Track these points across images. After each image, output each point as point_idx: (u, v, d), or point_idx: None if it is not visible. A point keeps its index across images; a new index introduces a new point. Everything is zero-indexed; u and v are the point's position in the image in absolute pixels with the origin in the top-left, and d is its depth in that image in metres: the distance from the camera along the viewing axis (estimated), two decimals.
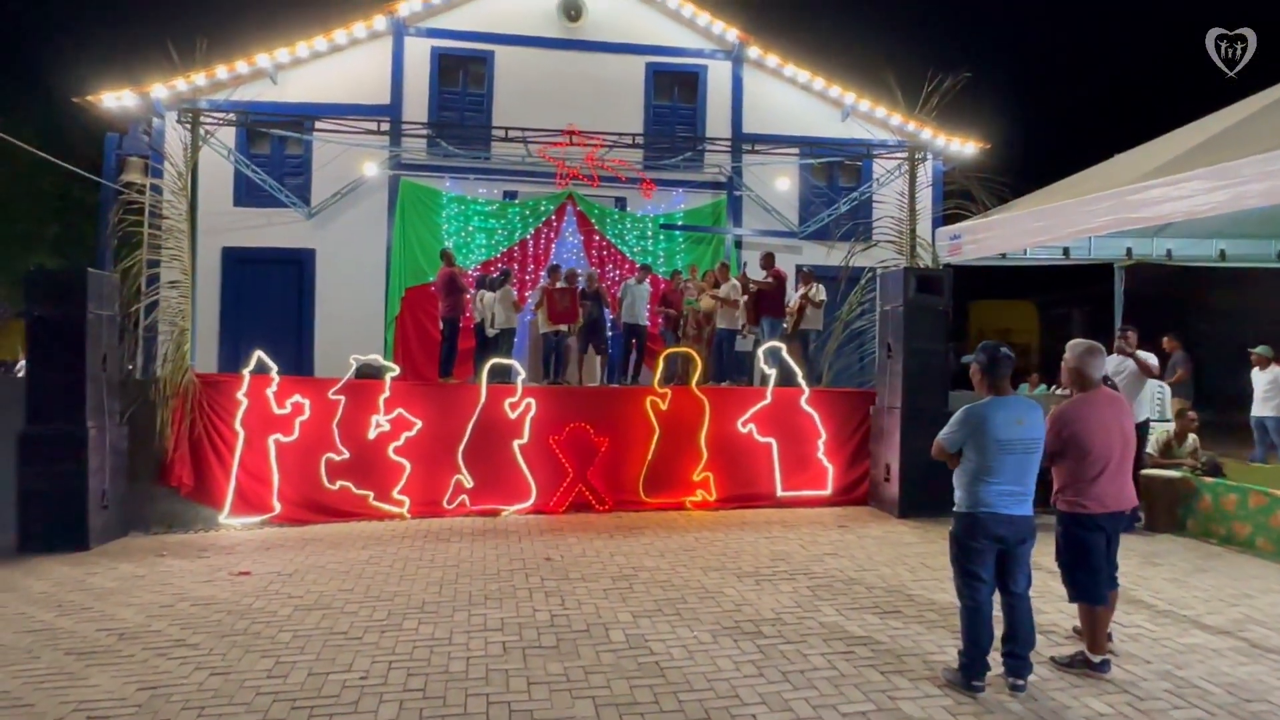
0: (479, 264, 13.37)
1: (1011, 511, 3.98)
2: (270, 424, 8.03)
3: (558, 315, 10.77)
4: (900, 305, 8.43)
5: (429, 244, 13.38)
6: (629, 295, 11.29)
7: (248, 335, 12.33)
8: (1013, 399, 4.11)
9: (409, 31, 13.71)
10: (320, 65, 13.41)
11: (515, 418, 8.44)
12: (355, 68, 13.50)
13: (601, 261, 13.80)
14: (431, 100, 13.75)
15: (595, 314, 11.03)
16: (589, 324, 10.99)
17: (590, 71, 14.00)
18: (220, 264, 13.12)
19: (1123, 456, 4.32)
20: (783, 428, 8.87)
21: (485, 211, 13.67)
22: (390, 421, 8.24)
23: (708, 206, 14.24)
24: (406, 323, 13.25)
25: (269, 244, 13.25)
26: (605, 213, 13.92)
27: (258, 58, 12.92)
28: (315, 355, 13.11)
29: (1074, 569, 4.34)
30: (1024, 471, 4.00)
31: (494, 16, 13.94)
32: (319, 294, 13.38)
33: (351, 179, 13.35)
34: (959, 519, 4.12)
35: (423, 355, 12.91)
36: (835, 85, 14.29)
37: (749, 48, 14.29)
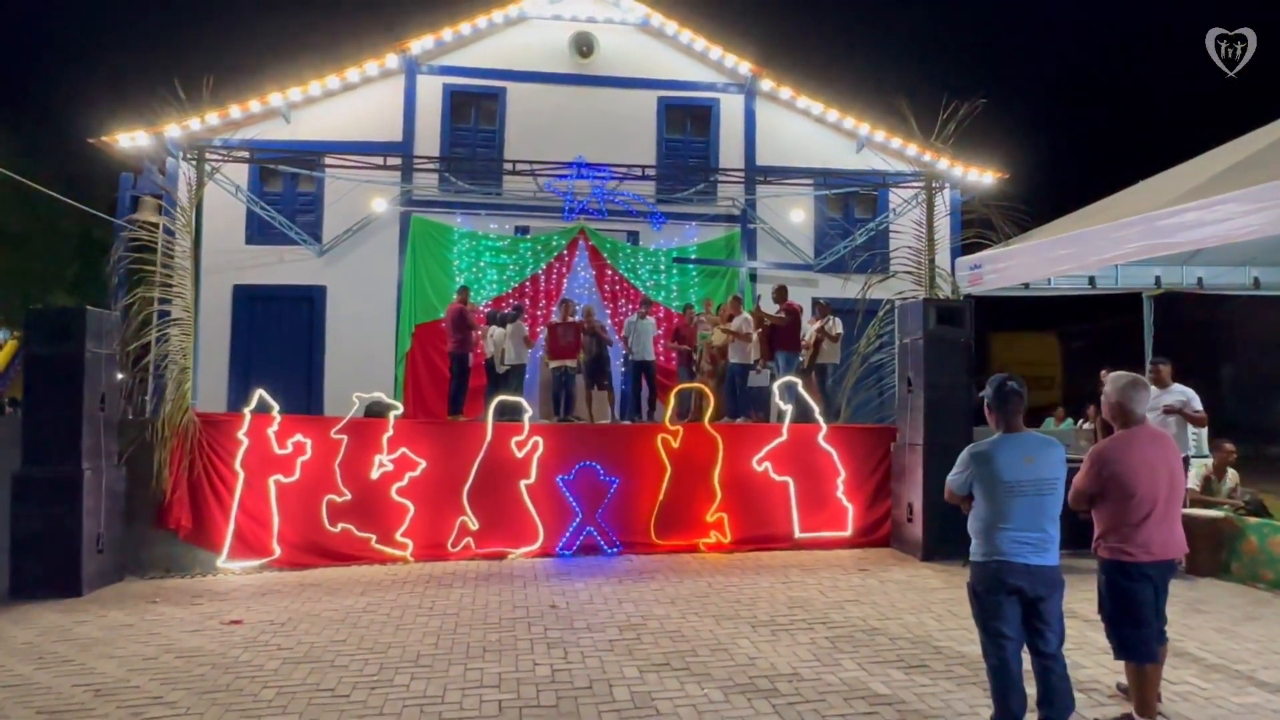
0: (490, 300, 13.28)
1: (1029, 560, 3.65)
2: (271, 464, 7.89)
3: (559, 350, 10.66)
4: (920, 338, 8.23)
5: (440, 280, 13.31)
6: (632, 332, 11.18)
7: (258, 373, 12.26)
8: (1024, 435, 3.81)
9: (421, 69, 13.77)
10: (332, 103, 13.48)
11: (522, 457, 8.28)
12: (367, 105, 13.56)
13: (614, 296, 13.66)
14: (443, 137, 13.76)
15: (595, 349, 10.89)
16: (591, 360, 10.85)
17: (602, 106, 13.98)
18: (231, 302, 13.10)
19: (1170, 499, 3.98)
20: (800, 466, 8.66)
21: (496, 247, 13.60)
22: (393, 461, 8.10)
23: (721, 239, 14.12)
24: (417, 359, 13.15)
25: (280, 281, 13.24)
26: (617, 247, 13.81)
27: (271, 96, 12.99)
28: (325, 392, 13.02)
29: (1119, 623, 3.98)
30: (1039, 515, 3.68)
31: (506, 53, 13.99)
32: (329, 331, 13.33)
33: (362, 216, 13.35)
34: (974, 570, 3.81)
35: (433, 392, 12.78)
36: (849, 116, 14.18)
37: (762, 80, 14.23)
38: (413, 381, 13.01)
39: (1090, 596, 4.20)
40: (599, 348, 10.98)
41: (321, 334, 13.32)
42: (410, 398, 12.64)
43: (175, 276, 8.48)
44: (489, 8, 13.85)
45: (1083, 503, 4.12)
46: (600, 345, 11.00)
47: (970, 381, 8.20)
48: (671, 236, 13.95)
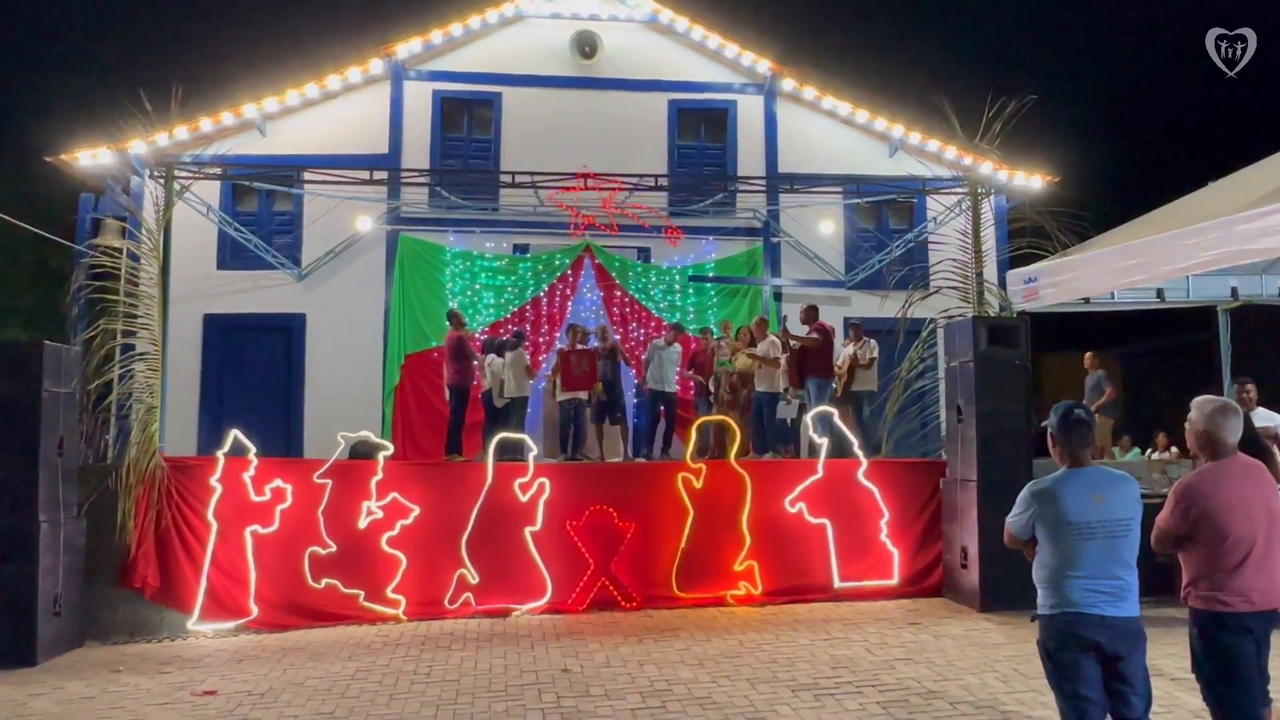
0: (487, 325, 13.29)
1: (1105, 611, 3.55)
2: (247, 513, 7.86)
3: (574, 380, 10.63)
4: (970, 360, 8.17)
5: (431, 305, 13.33)
6: (656, 358, 11.15)
7: (232, 411, 12.27)
8: (1091, 470, 3.74)
9: (408, 75, 13.91)
10: (312, 114, 13.61)
11: (527, 501, 8.23)
12: (350, 115, 13.68)
13: (624, 320, 13.65)
14: (433, 148, 13.86)
15: (609, 377, 10.87)
16: (605, 390, 10.83)
17: (607, 111, 14.07)
18: (202, 333, 13.14)
19: (1270, 540, 3.86)
20: (838, 506, 8.59)
21: (493, 267, 13.62)
22: (384, 508, 8.06)
23: (742, 255, 14.11)
24: (407, 394, 13.13)
25: (255, 309, 13.29)
26: (627, 265, 13.82)
27: (244, 108, 13.13)
28: (306, 432, 13.00)
29: (1216, 682, 3.85)
30: (1113, 560, 3.59)
31: (501, 56, 14.12)
32: (309, 363, 13.34)
33: (345, 236, 13.41)
34: (1043, 624, 3.72)
35: (426, 430, 12.74)
36: (881, 117, 14.22)
37: (783, 79, 14.30)
38: (403, 418, 12.97)
39: (1177, 651, 4.11)
40: (615, 374, 10.97)
41: (301, 367, 13.33)
42: (401, 436, 12.60)
43: (140, 306, 8.51)
44: (482, 7, 14.01)
45: (1168, 545, 4.01)
46: (615, 372, 10.98)
47: (1028, 409, 8.13)
48: (687, 253, 13.95)
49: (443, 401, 11.46)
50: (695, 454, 8.90)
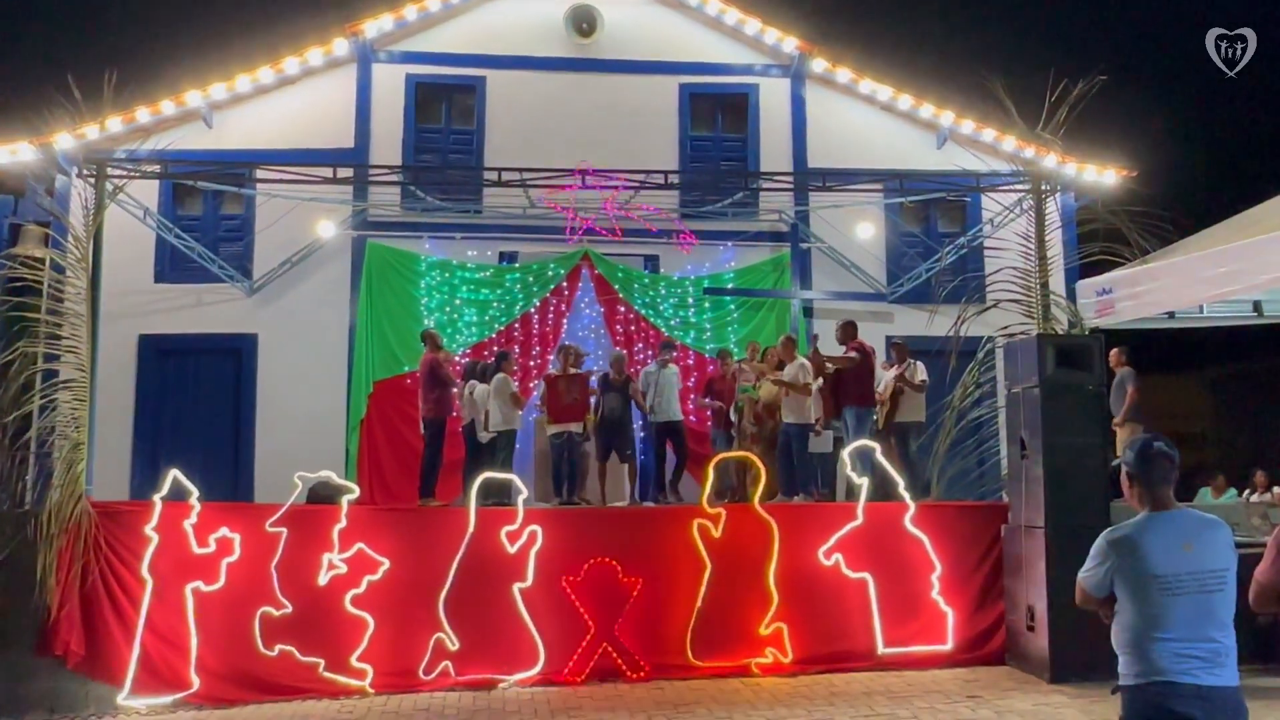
0: (469, 347, 13.32)
1: (1201, 680, 3.52)
2: (188, 568, 7.83)
3: (562, 411, 10.67)
4: (1035, 386, 8.20)
5: (404, 323, 13.34)
6: (650, 385, 11.23)
7: (171, 448, 12.29)
8: (1178, 514, 3.72)
9: (377, 57, 14.02)
10: (266, 103, 13.70)
11: (515, 552, 8.23)
12: (310, 104, 13.77)
13: (629, 339, 13.64)
14: (407, 141, 13.93)
15: (617, 409, 10.86)
16: (607, 422, 10.84)
17: (608, 98, 14.14)
18: (137, 356, 13.16)
19: None
20: (881, 558, 8.58)
21: (476, 279, 13.66)
22: (348, 561, 8.05)
23: (766, 263, 14.11)
24: (375, 427, 13.13)
25: (199, 329, 13.30)
26: (632, 275, 13.84)
27: (187, 96, 13.20)
28: (257, 472, 12.98)
29: None
30: (1206, 620, 3.58)
31: (484, 34, 14.22)
32: (262, 392, 13.34)
33: (304, 244, 13.45)
34: (1126, 698, 3.69)
35: (396, 469, 12.77)
36: (927, 103, 14.25)
37: (812, 60, 14.36)
38: (371, 456, 12.98)
39: None
40: (623, 405, 10.97)
41: (252, 396, 13.34)
42: (368, 477, 12.59)
43: (66, 326, 8.52)
44: None
45: (1270, 603, 3.98)
46: (626, 406, 11.00)
47: (1105, 442, 8.12)
48: (702, 261, 13.96)
49: (417, 436, 11.44)
50: (713, 497, 8.88)
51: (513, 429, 10.59)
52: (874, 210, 14.11)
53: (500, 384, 10.50)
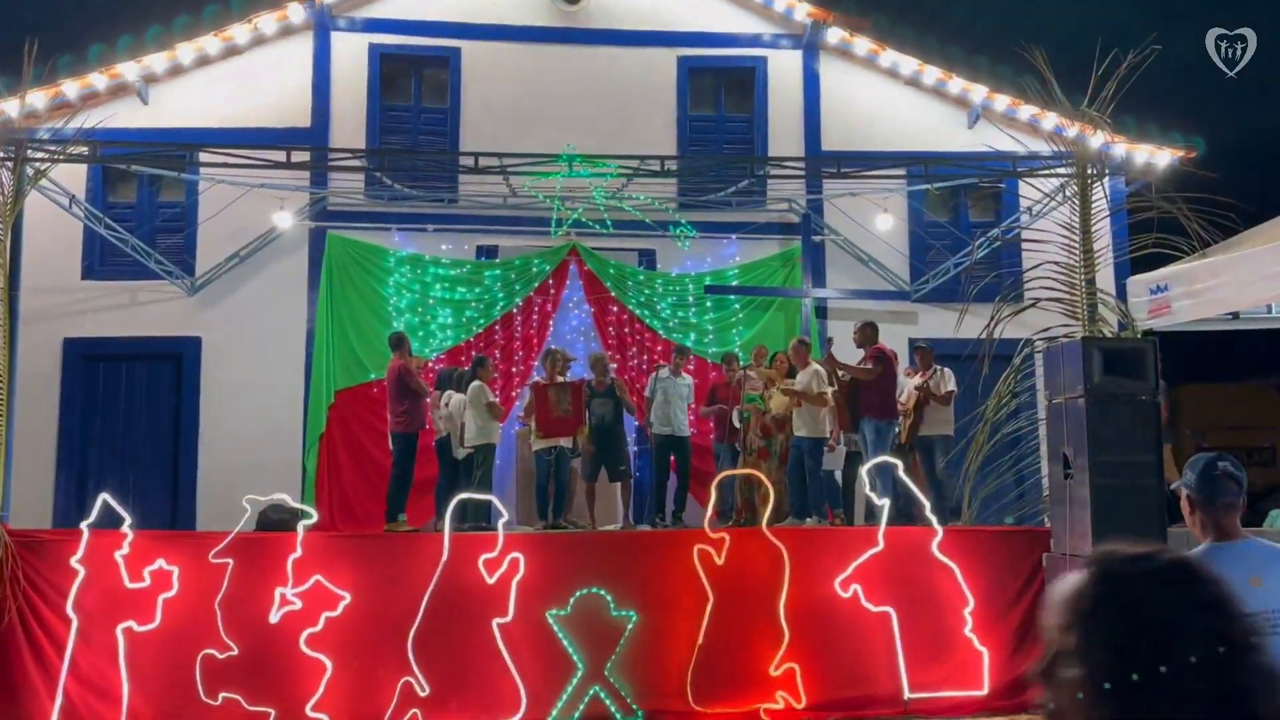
0: (443, 352, 13.34)
1: None
2: (120, 606, 7.79)
3: (552, 424, 10.66)
4: (1080, 395, 8.09)
5: (369, 325, 13.33)
6: (659, 392, 11.18)
7: (101, 468, 12.35)
8: (1246, 544, 3.67)
9: (337, 24, 13.99)
10: (211, 76, 13.65)
11: (495, 583, 8.19)
12: (261, 78, 13.73)
13: (621, 342, 13.65)
14: (371, 120, 13.90)
15: (609, 418, 10.85)
16: (595, 434, 10.84)
17: (598, 72, 14.14)
18: (62, 362, 13.12)
19: None
20: (906, 590, 8.54)
21: (451, 276, 13.65)
22: (304, 596, 8.02)
23: (774, 259, 14.14)
24: (337, 443, 13.14)
25: (133, 332, 13.24)
26: (625, 272, 13.85)
27: (121, 68, 13.13)
28: (200, 495, 12.95)
29: None
30: None
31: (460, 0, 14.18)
32: (206, 404, 13.30)
33: (255, 236, 13.42)
34: None
35: (360, 490, 12.80)
36: (956, 77, 14.27)
37: (827, 29, 14.37)
38: (331, 475, 12.98)
39: None
40: (616, 417, 10.94)
41: (194, 408, 13.28)
42: (328, 500, 12.59)
43: None
44: None
45: None
46: (617, 415, 10.97)
47: (1159, 459, 8.06)
48: (703, 256, 13.97)
49: (384, 452, 11.43)
50: (716, 519, 8.85)
51: (491, 443, 10.59)
52: (896, 199, 14.07)
53: (477, 393, 10.49)
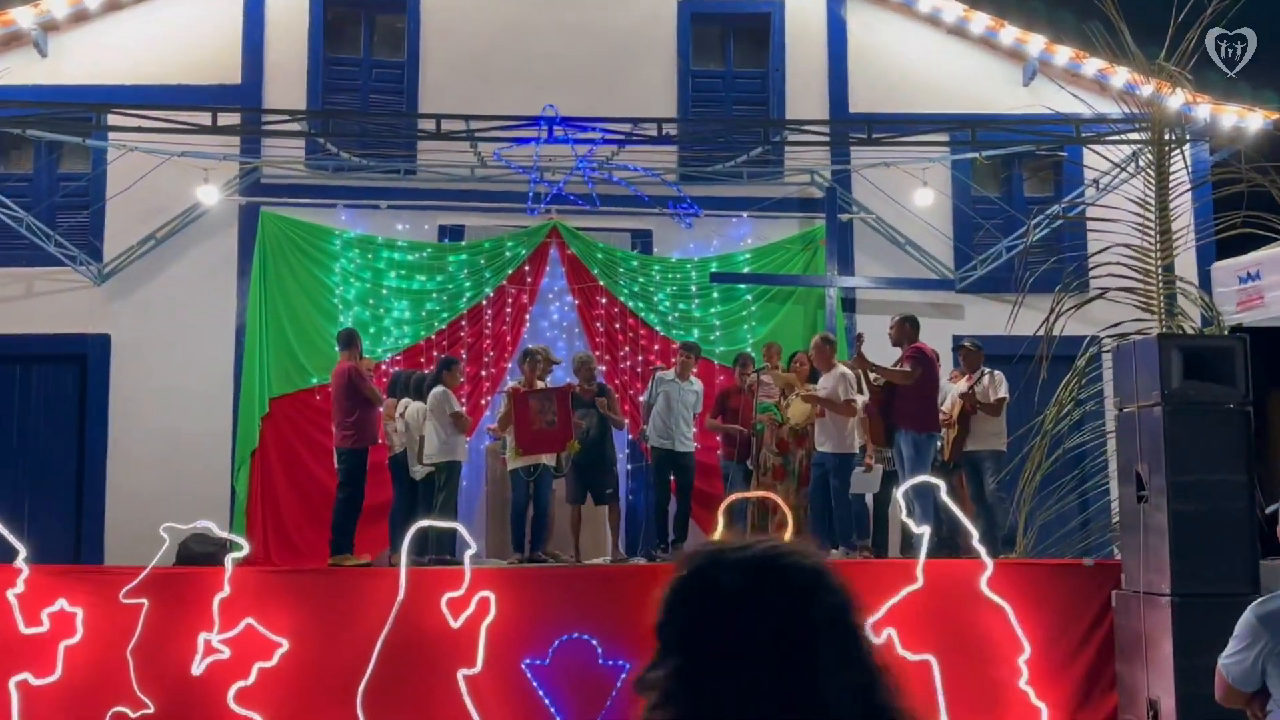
0: (399, 352, 13.31)
1: None
2: (12, 654, 7.83)
3: (534, 438, 10.60)
4: (1156, 404, 8.10)
5: (310, 320, 13.31)
6: (660, 397, 11.13)
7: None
8: None
9: None
10: (121, 23, 13.55)
11: (461, 627, 8.25)
12: (182, 27, 13.63)
13: (611, 340, 13.61)
14: (313, 76, 13.87)
15: (593, 431, 10.89)
16: (584, 451, 10.81)
17: (583, 19, 14.10)
18: None
19: None
20: (950, 634, 8.56)
21: (409, 262, 13.63)
22: (232, 643, 8.03)
23: (793, 241, 14.16)
24: (272, 460, 13.09)
25: (28, 328, 13.18)
26: (616, 257, 13.84)
27: (15, 13, 12.98)
28: (107, 522, 12.91)
29: None
30: None
31: None
32: (116, 413, 13.24)
33: (174, 213, 13.38)
34: None
35: (301, 517, 12.76)
36: (1008, 24, 14.25)
37: None
38: (266, 499, 12.93)
39: None
40: (603, 429, 10.94)
41: (103, 418, 13.24)
42: (261, 527, 12.56)
43: None
44: None
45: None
46: (604, 426, 10.94)
47: (1251, 480, 8.07)
48: (708, 238, 13.99)
49: (329, 472, 11.44)
50: None
51: (456, 461, 10.55)
52: (938, 170, 14.00)
53: (440, 401, 10.44)
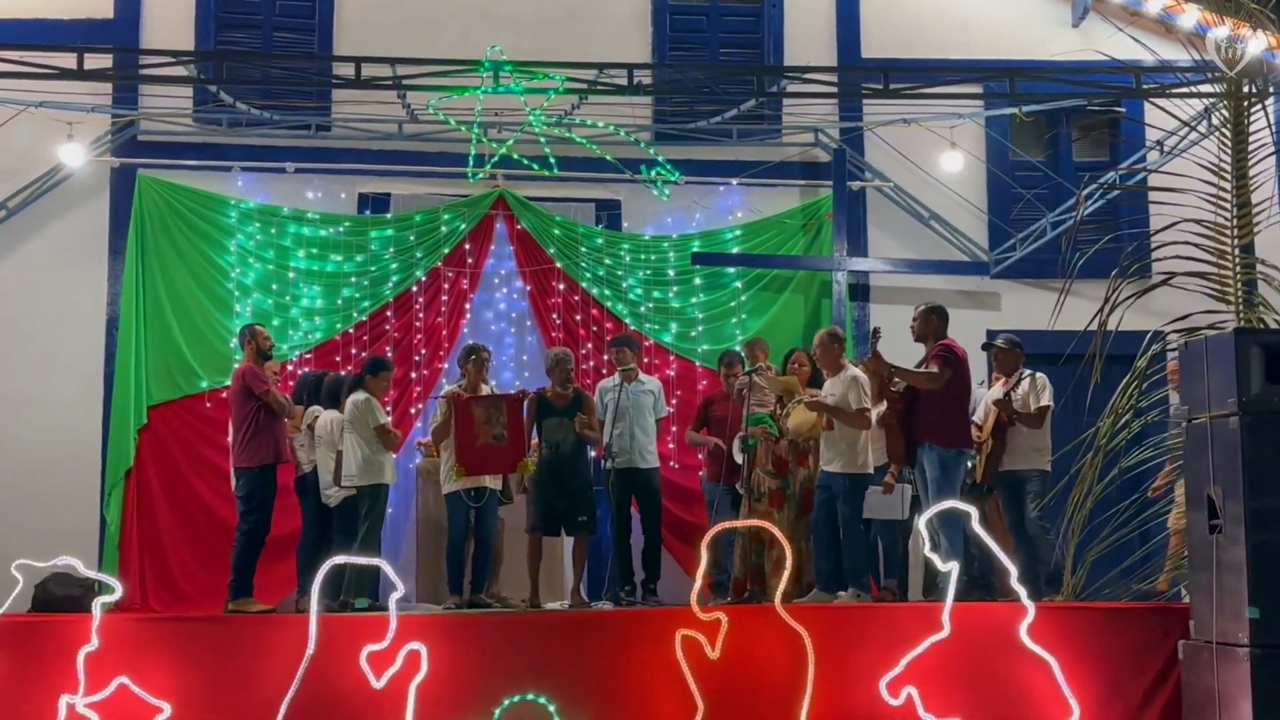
0: (310, 348, 13.33)
1: None
2: None
3: (479, 455, 10.61)
4: (1233, 413, 8.10)
5: (199, 309, 13.27)
6: (610, 404, 11.15)
7: None
8: None
9: None
10: None
11: (385, 687, 8.22)
12: None
13: (571, 333, 13.59)
14: (203, 10, 13.84)
15: (567, 447, 10.92)
16: (549, 468, 10.88)
17: None
18: None
19: None
20: (983, 693, 8.61)
21: (322, 238, 13.62)
22: (102, 706, 8.00)
23: (793, 214, 14.20)
24: (151, 483, 13.06)
25: None
26: (577, 233, 13.83)
27: None
28: None
29: None
30: None
31: None
32: None
33: (31, 177, 13.37)
34: None
35: (187, 552, 12.78)
36: None
37: None
38: (144, 531, 12.90)
39: None
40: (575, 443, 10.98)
41: None
42: (138, 566, 12.57)
43: None
44: None
45: None
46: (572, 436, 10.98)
47: None
48: (689, 210, 14.02)
49: (223, 496, 11.52)
50: (708, 594, 8.95)
51: (381, 483, 10.51)
52: (969, 129, 14.10)
53: (362, 410, 10.40)
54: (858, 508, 10.31)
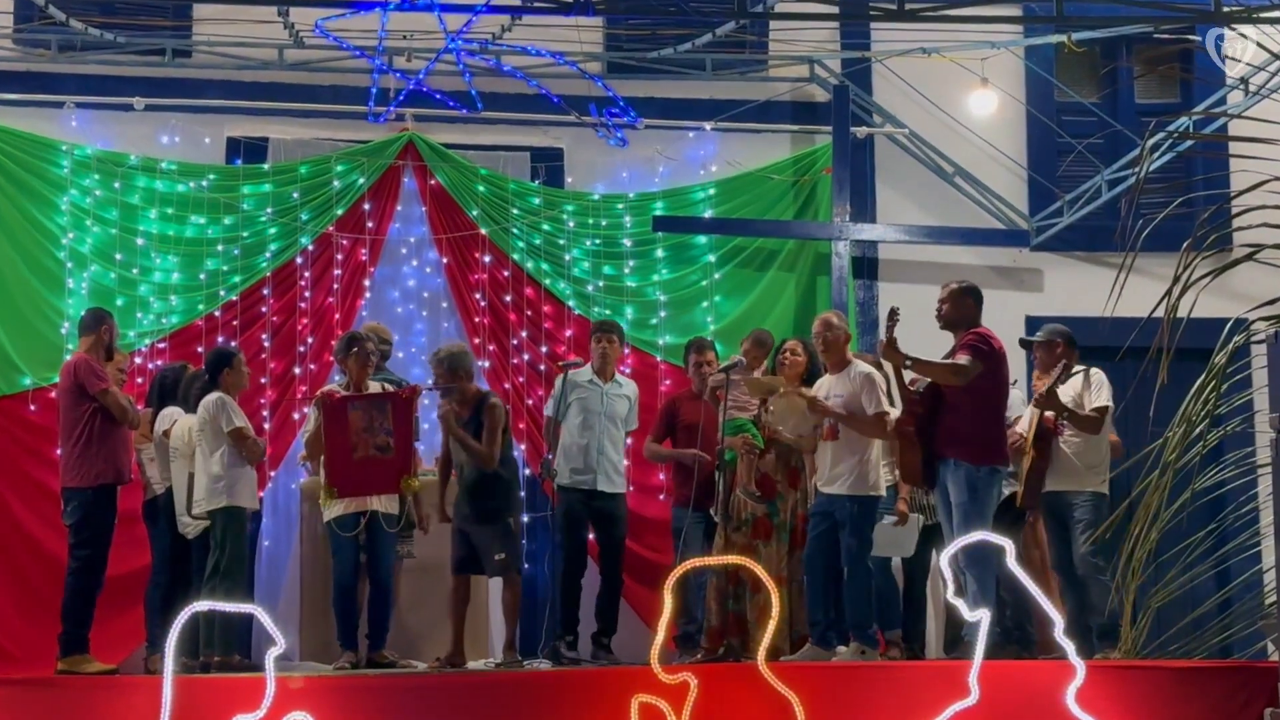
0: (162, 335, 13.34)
1: None
2: None
3: (355, 471, 10.68)
4: None
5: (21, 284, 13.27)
6: (573, 408, 11.27)
7: None
8: None
9: None
10: None
11: None
12: None
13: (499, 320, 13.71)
14: None
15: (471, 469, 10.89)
16: (469, 491, 10.90)
17: None
18: None
19: None
20: None
21: (181, 194, 13.63)
22: None
23: (781, 168, 14.32)
24: None
25: None
26: (507, 190, 13.91)
27: None
28: None
29: None
30: None
31: None
32: None
33: None
34: None
35: (10, 595, 12.71)
36: None
37: None
38: None
39: None
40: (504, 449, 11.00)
41: None
42: None
43: None
44: None
45: None
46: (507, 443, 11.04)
47: None
48: (650, 162, 14.17)
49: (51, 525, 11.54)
50: (674, 649, 9.24)
51: (238, 507, 10.46)
52: (1005, 60, 14.25)
53: (214, 413, 10.41)
54: (867, 540, 10.34)
